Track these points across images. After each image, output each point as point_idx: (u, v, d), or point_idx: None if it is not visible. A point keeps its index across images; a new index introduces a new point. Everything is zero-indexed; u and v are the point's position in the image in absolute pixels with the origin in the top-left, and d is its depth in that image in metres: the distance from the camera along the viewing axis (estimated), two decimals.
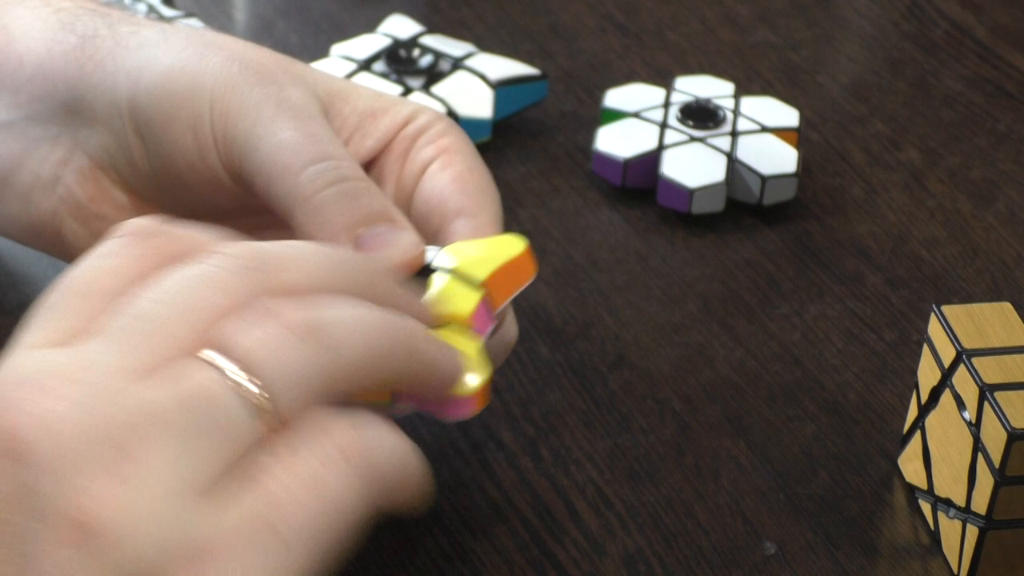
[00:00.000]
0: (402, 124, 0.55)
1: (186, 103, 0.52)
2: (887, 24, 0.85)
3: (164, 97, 0.52)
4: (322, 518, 0.39)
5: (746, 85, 0.78)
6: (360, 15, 0.81)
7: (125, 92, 0.53)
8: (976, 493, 0.52)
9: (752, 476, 0.57)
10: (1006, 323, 0.54)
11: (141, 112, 0.53)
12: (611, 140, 0.70)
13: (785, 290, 0.66)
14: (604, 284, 0.66)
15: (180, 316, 0.40)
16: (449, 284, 0.48)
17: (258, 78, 0.52)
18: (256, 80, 0.52)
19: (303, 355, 0.40)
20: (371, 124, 0.54)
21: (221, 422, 0.39)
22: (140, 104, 0.53)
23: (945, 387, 0.54)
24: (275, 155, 0.50)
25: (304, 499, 0.39)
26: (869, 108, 0.78)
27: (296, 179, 0.49)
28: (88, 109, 0.54)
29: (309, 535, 0.39)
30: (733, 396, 0.61)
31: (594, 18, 0.83)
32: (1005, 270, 0.68)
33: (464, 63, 0.73)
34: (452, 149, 0.54)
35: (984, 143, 0.76)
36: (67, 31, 0.55)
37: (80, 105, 0.54)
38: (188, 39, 0.54)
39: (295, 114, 0.51)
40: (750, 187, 0.69)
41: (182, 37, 0.54)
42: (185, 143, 0.52)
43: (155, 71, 0.53)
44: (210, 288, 0.41)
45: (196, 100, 0.52)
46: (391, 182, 0.55)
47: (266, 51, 0.54)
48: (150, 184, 0.54)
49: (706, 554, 0.54)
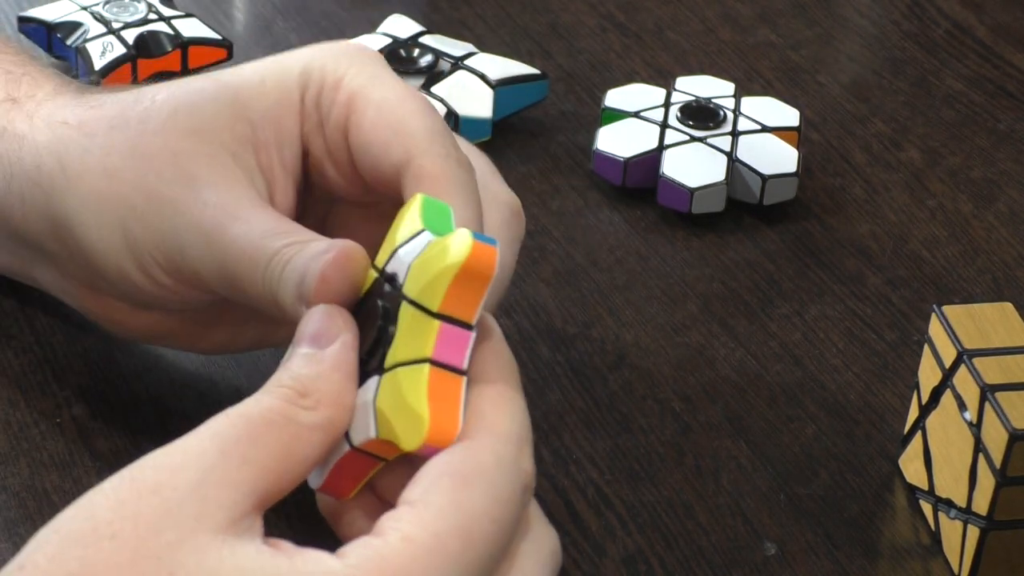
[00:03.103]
0: (299, 104, 0.51)
1: (126, 256, 0.51)
2: (888, 24, 0.85)
3: (103, 255, 0.51)
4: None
5: (746, 85, 0.78)
6: (360, 15, 0.81)
7: (69, 244, 0.52)
8: (977, 493, 0.52)
9: (752, 476, 0.57)
10: (1007, 323, 0.54)
11: (90, 265, 0.52)
12: (611, 140, 0.70)
13: (785, 290, 0.66)
14: (604, 284, 0.66)
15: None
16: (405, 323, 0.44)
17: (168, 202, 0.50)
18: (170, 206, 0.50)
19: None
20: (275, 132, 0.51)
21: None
22: (86, 258, 0.52)
23: (946, 387, 0.54)
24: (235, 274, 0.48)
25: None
26: (870, 108, 0.78)
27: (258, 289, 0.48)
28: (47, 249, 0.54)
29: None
30: (733, 396, 0.60)
31: (594, 18, 0.83)
32: (1006, 270, 0.68)
33: (464, 63, 0.73)
34: (354, 96, 0.50)
35: (985, 143, 0.76)
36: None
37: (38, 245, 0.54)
38: (84, 170, 0.51)
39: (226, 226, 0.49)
40: (750, 187, 0.69)
41: (77, 168, 0.51)
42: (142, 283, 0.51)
43: (80, 231, 0.51)
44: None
45: (136, 253, 0.50)
46: (328, 163, 0.52)
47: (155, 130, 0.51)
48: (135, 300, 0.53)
49: (706, 554, 0.54)
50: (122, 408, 0.57)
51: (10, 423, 0.57)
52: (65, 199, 0.51)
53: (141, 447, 0.57)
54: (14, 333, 0.60)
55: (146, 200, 0.50)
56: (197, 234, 0.49)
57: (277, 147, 0.51)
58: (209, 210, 0.49)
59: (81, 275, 0.54)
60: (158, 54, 0.72)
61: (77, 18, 0.73)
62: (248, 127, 0.51)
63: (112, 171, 0.51)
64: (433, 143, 0.49)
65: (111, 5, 0.73)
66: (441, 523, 0.41)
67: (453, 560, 0.40)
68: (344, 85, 0.51)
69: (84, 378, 0.58)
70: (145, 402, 0.58)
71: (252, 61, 0.53)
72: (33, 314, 0.61)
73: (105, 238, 0.51)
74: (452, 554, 0.40)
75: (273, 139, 0.51)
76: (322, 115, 0.51)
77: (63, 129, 0.53)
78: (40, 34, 0.73)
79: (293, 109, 0.51)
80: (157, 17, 0.73)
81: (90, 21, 0.72)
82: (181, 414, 0.57)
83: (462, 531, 0.41)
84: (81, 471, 0.55)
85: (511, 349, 0.46)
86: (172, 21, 0.73)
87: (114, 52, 0.71)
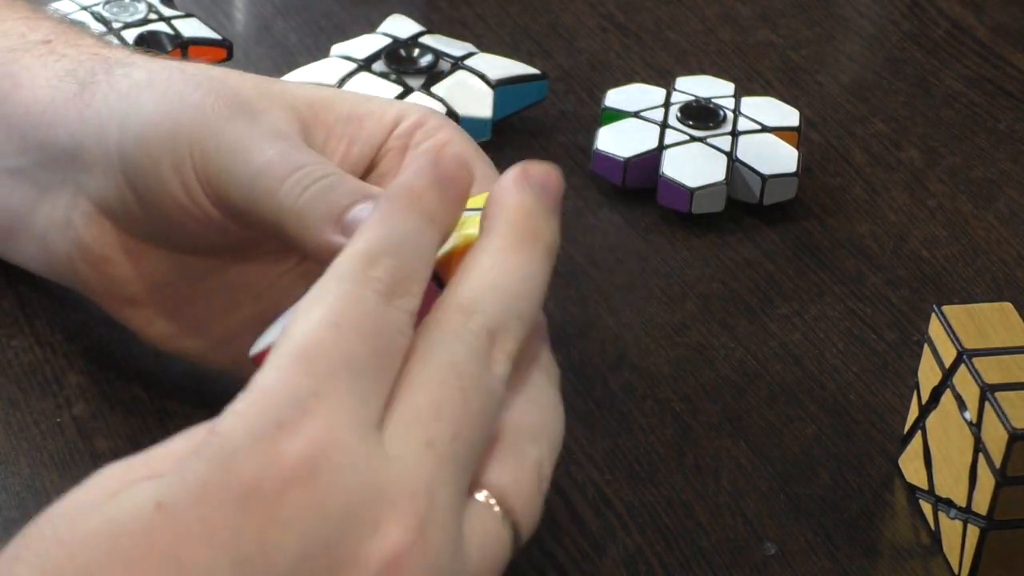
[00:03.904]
0: (392, 124, 0.54)
1: (168, 148, 0.52)
2: (888, 24, 0.85)
3: (148, 143, 0.52)
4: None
5: (746, 85, 0.78)
6: (360, 15, 0.81)
7: (115, 140, 0.54)
8: (977, 493, 0.52)
9: (752, 476, 0.57)
10: (1007, 323, 0.54)
11: (129, 159, 0.53)
12: (611, 140, 0.70)
13: (785, 290, 0.66)
14: (604, 284, 0.66)
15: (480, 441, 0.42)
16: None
17: (232, 110, 0.52)
18: (230, 113, 0.52)
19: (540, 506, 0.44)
20: (357, 129, 0.54)
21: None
22: (128, 152, 0.53)
23: (946, 387, 0.54)
24: (255, 182, 0.50)
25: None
26: (869, 108, 0.78)
27: (277, 198, 0.49)
28: (87, 155, 0.55)
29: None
30: (733, 396, 0.61)
31: (594, 18, 0.83)
32: (1006, 270, 0.68)
33: (464, 63, 0.73)
34: (451, 141, 0.54)
35: (984, 143, 0.76)
36: (70, 78, 0.56)
37: (80, 151, 0.55)
38: (170, 79, 0.54)
39: (267, 139, 0.51)
40: (750, 187, 0.69)
41: (165, 77, 0.54)
42: (173, 187, 0.52)
43: (139, 118, 0.53)
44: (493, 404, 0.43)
45: (177, 144, 0.52)
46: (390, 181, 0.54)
47: (244, 77, 0.54)
48: (145, 227, 0.54)
49: (706, 554, 0.54)
50: (122, 408, 0.57)
51: (10, 423, 0.57)
52: (140, 96, 0.54)
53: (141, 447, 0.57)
54: (14, 333, 0.60)
55: (213, 104, 0.52)
56: (241, 139, 0.51)
57: (349, 142, 0.54)
58: (262, 127, 0.51)
59: (102, 189, 0.54)
60: (158, 54, 0.72)
61: (77, 18, 0.72)
62: (332, 117, 0.54)
63: (194, 82, 0.53)
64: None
65: (111, 5, 0.73)
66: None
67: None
68: (443, 132, 0.54)
69: (84, 378, 0.58)
70: (145, 402, 0.58)
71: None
72: (33, 314, 0.61)
73: (156, 128, 0.52)
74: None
75: (350, 134, 0.54)
76: (412, 142, 0.54)
77: (163, 61, 0.56)
78: None
79: (382, 122, 0.54)
80: (157, 17, 0.73)
81: (90, 21, 0.72)
82: (181, 414, 0.57)
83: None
84: (81, 471, 0.55)
85: None
86: (172, 21, 0.73)
87: None
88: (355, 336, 0.41)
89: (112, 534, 0.38)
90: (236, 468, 0.38)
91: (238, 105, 0.52)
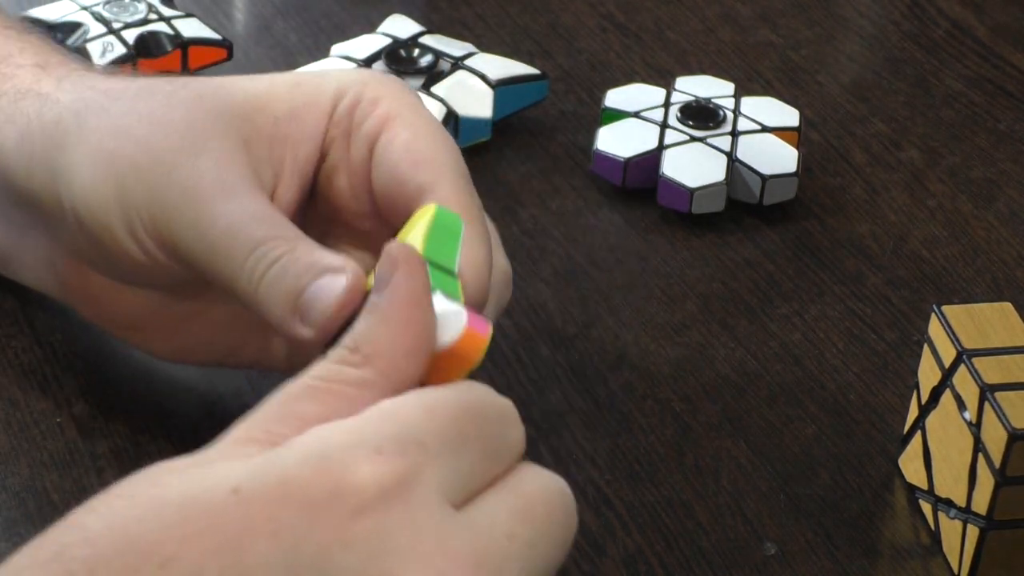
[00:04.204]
0: (329, 110, 0.53)
1: (116, 213, 0.51)
2: (888, 24, 0.85)
3: (95, 209, 0.52)
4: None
5: (746, 85, 0.78)
6: (360, 15, 0.81)
7: (65, 198, 0.53)
8: (977, 493, 0.52)
9: (752, 476, 0.57)
10: (1006, 323, 0.54)
11: (83, 221, 0.52)
12: (611, 140, 0.70)
13: (785, 290, 0.66)
14: (604, 284, 0.66)
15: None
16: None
17: (170, 165, 0.50)
18: (169, 168, 0.50)
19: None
20: (298, 125, 0.52)
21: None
22: (80, 214, 0.52)
23: (945, 387, 0.54)
24: (212, 258, 0.49)
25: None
26: (869, 108, 0.78)
27: (238, 283, 0.49)
28: (45, 206, 0.54)
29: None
30: (733, 396, 0.61)
31: (594, 18, 0.83)
32: (1005, 270, 0.68)
33: (464, 63, 0.73)
34: (391, 116, 0.52)
35: (984, 143, 0.76)
36: (9, 123, 0.55)
37: (38, 201, 0.54)
38: (99, 127, 0.52)
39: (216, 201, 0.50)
40: (750, 187, 0.69)
41: (94, 125, 0.52)
42: (130, 248, 0.51)
43: (79, 180, 0.52)
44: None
45: (125, 209, 0.51)
46: (343, 173, 0.53)
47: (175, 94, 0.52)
48: (121, 274, 0.54)
49: (706, 554, 0.54)
50: (122, 408, 0.57)
51: (10, 423, 0.57)
52: (73, 151, 0.52)
53: (141, 447, 0.57)
54: (14, 333, 0.60)
55: (147, 158, 0.51)
56: (186, 200, 0.50)
57: (294, 143, 0.52)
58: (205, 179, 0.50)
59: (69, 240, 0.54)
60: (158, 54, 0.72)
61: (77, 18, 0.73)
62: (270, 121, 0.52)
63: (124, 130, 0.52)
64: (458, 178, 0.51)
65: (111, 5, 0.74)
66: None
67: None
68: (383, 103, 0.52)
69: (84, 378, 0.59)
70: (145, 402, 0.58)
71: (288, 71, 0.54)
72: (33, 314, 0.61)
73: (99, 191, 0.51)
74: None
75: (292, 134, 0.52)
76: (353, 123, 0.52)
77: (89, 92, 0.54)
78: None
79: (320, 110, 0.53)
80: (157, 17, 0.73)
81: (90, 21, 0.72)
82: (181, 414, 0.57)
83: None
84: (81, 471, 0.55)
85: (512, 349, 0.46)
86: (172, 21, 0.73)
87: (114, 52, 0.71)
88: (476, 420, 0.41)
89: (183, 506, 0.38)
90: (321, 475, 0.38)
91: (179, 142, 0.51)
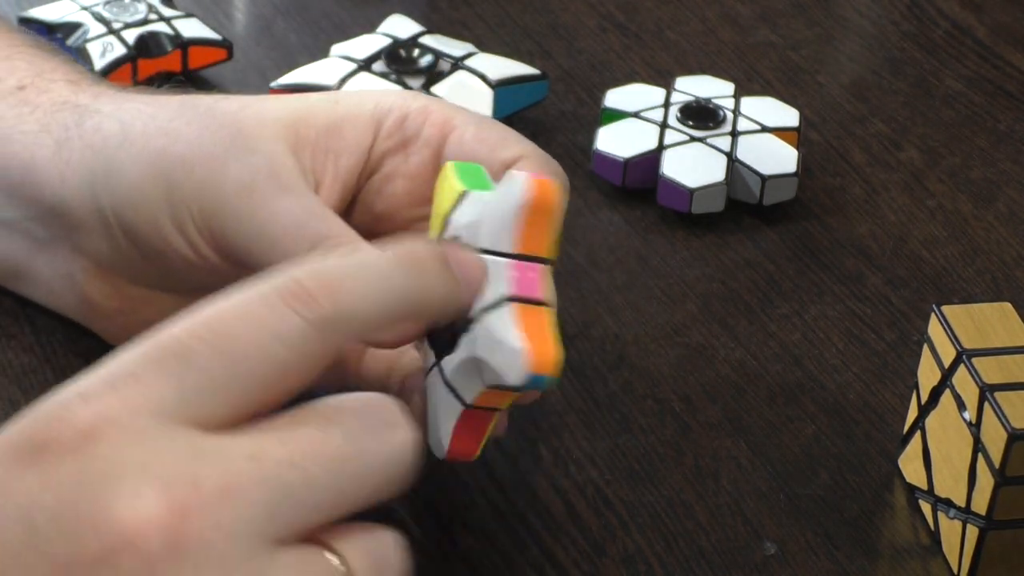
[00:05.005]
0: (372, 123, 0.54)
1: (165, 210, 0.52)
2: (887, 24, 0.85)
3: (141, 207, 0.52)
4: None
5: (746, 85, 0.78)
6: (360, 15, 0.81)
7: (106, 201, 0.53)
8: (976, 493, 0.52)
9: (752, 476, 0.57)
10: (1006, 323, 0.54)
11: (127, 222, 0.53)
12: (611, 140, 0.70)
13: (785, 290, 0.66)
14: (604, 284, 0.66)
15: (331, 504, 0.40)
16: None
17: (222, 160, 0.51)
18: (221, 164, 0.51)
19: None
20: (338, 139, 0.53)
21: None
22: (124, 214, 0.52)
23: (945, 387, 0.54)
24: (273, 249, 0.49)
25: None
26: (869, 108, 0.78)
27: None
28: (75, 215, 0.54)
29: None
30: (733, 396, 0.61)
31: (594, 18, 0.83)
32: (1005, 270, 0.68)
33: (464, 63, 0.73)
34: (448, 119, 0.53)
35: (984, 143, 0.76)
36: (44, 134, 0.55)
37: (67, 211, 0.54)
38: (146, 132, 0.53)
39: (273, 194, 0.50)
40: (750, 187, 0.69)
41: (140, 130, 0.53)
42: (178, 244, 0.52)
43: (125, 182, 0.52)
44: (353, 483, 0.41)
45: (174, 205, 0.51)
46: (401, 181, 0.54)
47: (229, 102, 0.53)
48: (150, 279, 0.54)
49: (706, 554, 0.54)
50: None
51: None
52: (117, 154, 0.53)
53: None
54: (14, 333, 0.60)
55: (198, 154, 0.51)
56: (242, 194, 0.50)
57: (335, 154, 0.53)
58: (261, 175, 0.51)
59: (96, 249, 0.54)
60: (158, 54, 0.72)
61: (77, 18, 0.73)
62: (312, 132, 0.53)
63: (173, 131, 0.52)
64: (536, 149, 0.53)
65: (111, 5, 0.74)
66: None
67: None
68: (433, 112, 0.54)
69: None
70: None
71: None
72: (33, 314, 0.61)
73: (147, 189, 0.52)
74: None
75: (333, 146, 0.53)
76: (406, 135, 0.54)
77: (129, 103, 0.54)
78: (40, 34, 0.73)
79: (361, 123, 0.54)
80: (157, 17, 0.73)
81: (90, 21, 0.72)
82: None
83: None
84: None
85: None
86: (172, 21, 0.73)
87: (114, 52, 0.71)
88: (217, 332, 0.40)
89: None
90: (32, 427, 0.39)
91: (230, 141, 0.51)
